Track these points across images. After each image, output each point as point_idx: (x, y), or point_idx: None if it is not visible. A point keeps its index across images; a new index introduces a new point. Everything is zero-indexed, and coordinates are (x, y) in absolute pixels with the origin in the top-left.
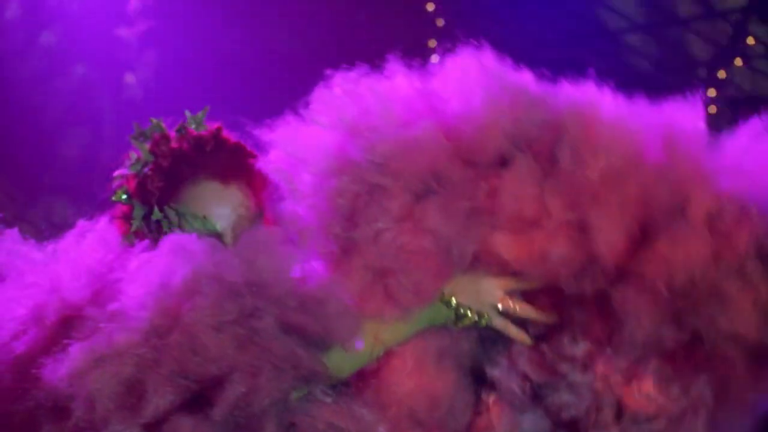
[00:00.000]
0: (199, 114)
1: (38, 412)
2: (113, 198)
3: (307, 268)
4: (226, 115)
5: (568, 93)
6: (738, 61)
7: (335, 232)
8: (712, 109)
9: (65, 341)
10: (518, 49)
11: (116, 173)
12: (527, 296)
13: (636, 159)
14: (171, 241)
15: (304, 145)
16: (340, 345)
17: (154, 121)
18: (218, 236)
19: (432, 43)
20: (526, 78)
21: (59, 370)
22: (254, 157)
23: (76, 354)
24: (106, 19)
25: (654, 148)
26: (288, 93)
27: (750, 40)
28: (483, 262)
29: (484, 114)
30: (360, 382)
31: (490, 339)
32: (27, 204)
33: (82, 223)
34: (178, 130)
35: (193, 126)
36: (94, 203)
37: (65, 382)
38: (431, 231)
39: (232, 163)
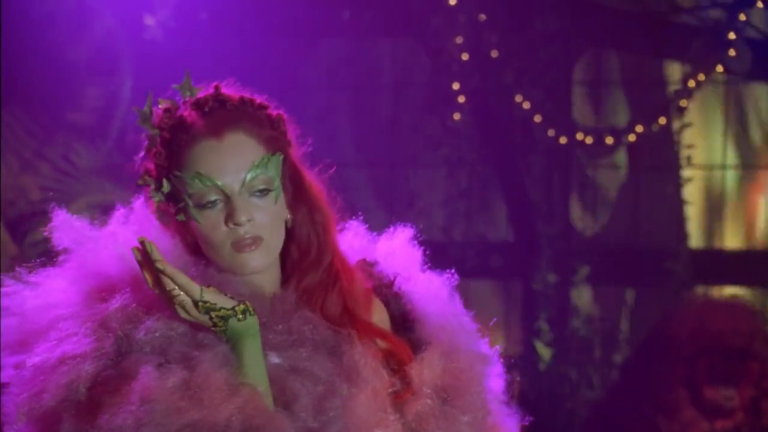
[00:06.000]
0: (184, 81)
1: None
2: (139, 183)
3: None
4: (247, 54)
5: None
6: None
7: None
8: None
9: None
10: None
11: (138, 161)
12: None
13: None
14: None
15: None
16: None
17: (150, 99)
18: (222, 191)
19: None
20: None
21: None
22: (263, 106)
23: None
24: None
25: None
26: (306, 27)
27: None
28: None
29: None
30: None
31: None
32: (46, 141)
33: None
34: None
35: (187, 94)
36: (111, 141)
37: None
38: None
39: (229, 116)
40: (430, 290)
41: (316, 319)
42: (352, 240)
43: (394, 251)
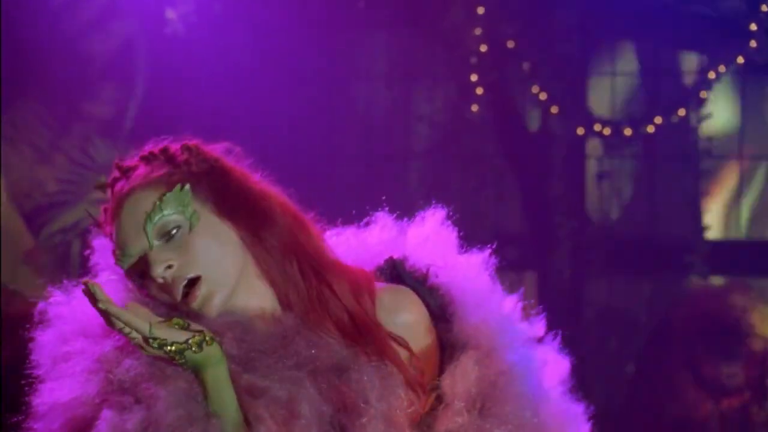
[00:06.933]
0: (96, 183)
1: None
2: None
3: None
4: (263, 48)
5: None
6: None
7: None
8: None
9: None
10: None
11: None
12: None
13: None
14: None
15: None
16: None
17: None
18: (139, 256)
19: None
20: None
21: None
22: (162, 150)
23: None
24: None
25: None
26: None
27: None
28: None
29: None
30: None
31: None
32: (62, 133)
33: None
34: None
35: (104, 189)
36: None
37: None
38: None
39: (124, 187)
40: (469, 277)
41: (317, 338)
42: (381, 233)
43: (428, 237)
